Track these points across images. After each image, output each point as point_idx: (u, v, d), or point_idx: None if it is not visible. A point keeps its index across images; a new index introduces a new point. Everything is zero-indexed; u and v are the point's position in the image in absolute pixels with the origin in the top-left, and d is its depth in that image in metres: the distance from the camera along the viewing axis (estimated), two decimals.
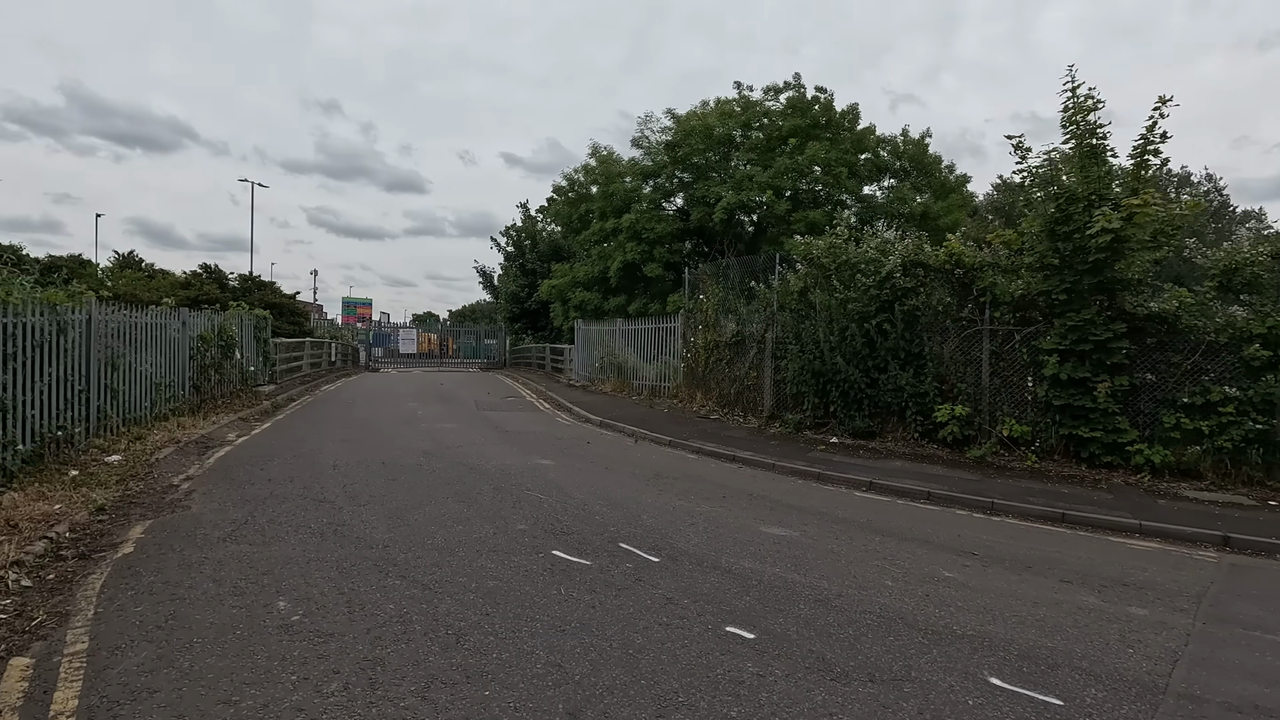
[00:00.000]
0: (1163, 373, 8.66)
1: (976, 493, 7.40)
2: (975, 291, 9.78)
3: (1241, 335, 8.14)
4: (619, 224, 23.69)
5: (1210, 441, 8.10)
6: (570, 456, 8.84)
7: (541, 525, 5.54)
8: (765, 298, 11.51)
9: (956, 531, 6.08)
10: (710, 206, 23.21)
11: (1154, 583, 4.88)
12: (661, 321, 15.44)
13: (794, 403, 11.01)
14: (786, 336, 10.94)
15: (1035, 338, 9.21)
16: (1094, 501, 7.18)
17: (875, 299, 10.05)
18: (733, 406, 12.13)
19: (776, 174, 22.12)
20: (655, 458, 9.13)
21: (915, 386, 9.67)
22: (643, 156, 25.63)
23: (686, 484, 7.46)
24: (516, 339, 36.85)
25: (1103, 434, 8.55)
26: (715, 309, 12.66)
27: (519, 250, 38.21)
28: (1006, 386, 9.54)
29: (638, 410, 13.27)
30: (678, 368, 14.22)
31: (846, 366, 9.99)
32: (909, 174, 25.58)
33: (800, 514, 6.39)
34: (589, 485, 7.11)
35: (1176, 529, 6.29)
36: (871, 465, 8.71)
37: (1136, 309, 8.65)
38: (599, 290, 25.71)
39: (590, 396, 15.80)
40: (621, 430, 11.27)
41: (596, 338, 18.50)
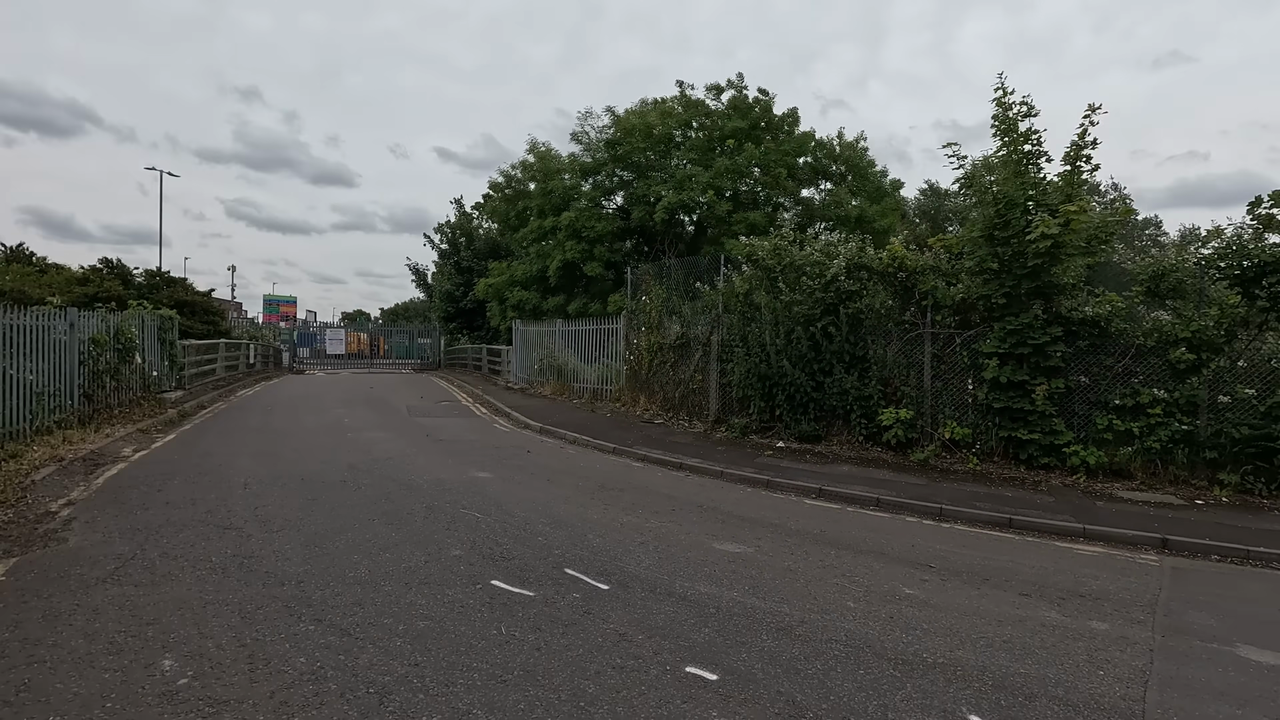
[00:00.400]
0: (1095, 375, 8.88)
1: (924, 498, 7.35)
2: (917, 295, 9.82)
3: (1168, 339, 8.40)
4: (558, 222, 23.13)
5: (1140, 442, 8.33)
6: (510, 467, 8.35)
7: (479, 550, 5.07)
8: (710, 299, 11.29)
9: (910, 541, 5.96)
10: (651, 206, 22.96)
11: (1107, 592, 4.84)
12: (603, 322, 15.05)
13: (740, 406, 10.83)
14: (732, 339, 10.75)
15: (975, 341, 9.31)
16: (1037, 505, 7.23)
17: (820, 302, 9.97)
18: (677, 410, 11.87)
19: (717, 174, 22.08)
20: (600, 467, 8.74)
21: (860, 390, 9.63)
22: (582, 153, 25.16)
23: (634, 496, 7.11)
24: (452, 339, 35.71)
25: (1040, 436, 8.69)
26: (659, 310, 12.37)
27: (454, 247, 37.04)
28: (948, 389, 9.62)
29: (579, 415, 12.85)
30: (620, 370, 13.87)
31: (793, 370, 9.87)
32: (844, 178, 26.03)
33: (753, 527, 6.14)
34: (530, 501, 6.65)
35: (1118, 532, 6.36)
36: (819, 470, 8.58)
37: (1071, 313, 8.83)
38: (538, 290, 25.08)
39: (529, 400, 15.26)
40: (563, 437, 10.83)
41: (535, 339, 17.95)
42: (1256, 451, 7.92)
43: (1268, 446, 7.83)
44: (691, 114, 24.20)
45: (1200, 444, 8.18)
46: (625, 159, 23.19)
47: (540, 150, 25.53)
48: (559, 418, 12.38)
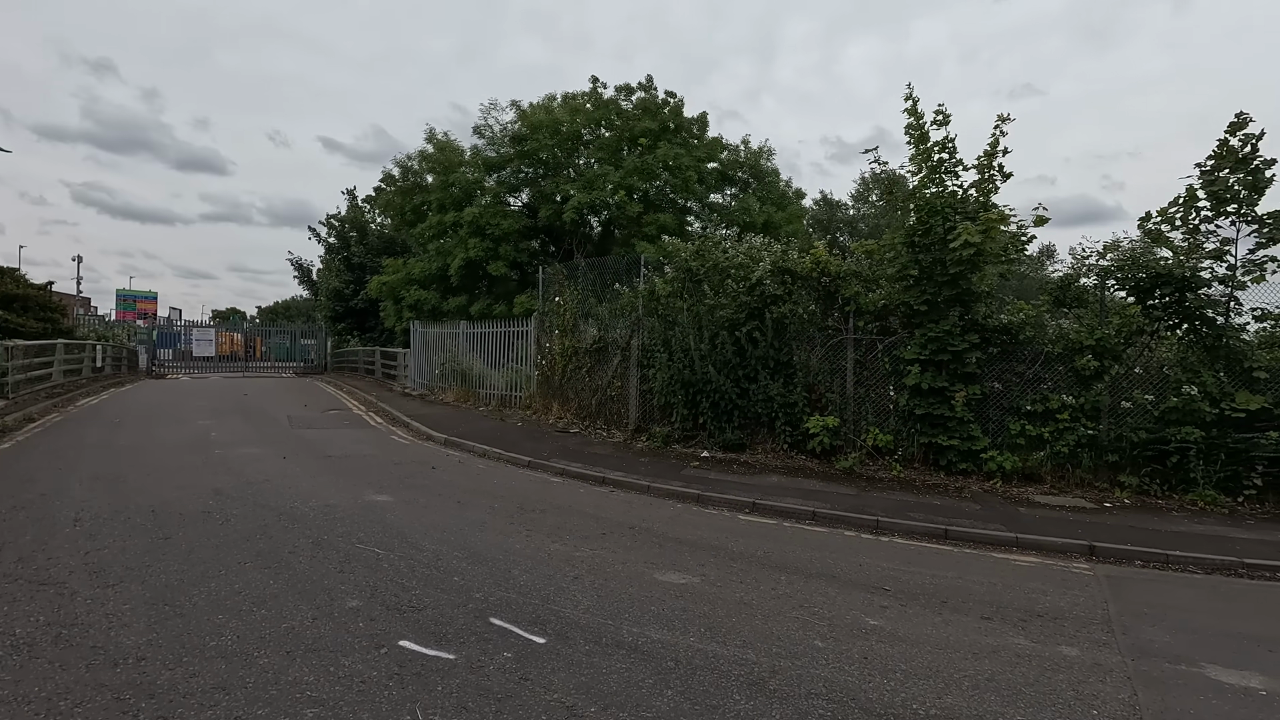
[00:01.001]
0: (1008, 382, 9.07)
1: (858, 509, 7.11)
2: (840, 300, 9.72)
3: (1073, 347, 8.68)
4: (460, 218, 21.89)
5: (1050, 447, 8.56)
6: (414, 488, 7.39)
7: (382, 598, 4.20)
8: (630, 302, 10.74)
9: (856, 560, 5.63)
10: (559, 205, 22.21)
11: (1060, 610, 4.68)
12: (512, 325, 14.14)
13: (662, 414, 10.34)
14: (654, 344, 10.25)
15: (896, 347, 9.30)
16: (966, 514, 7.17)
17: (744, 306, 9.65)
18: (594, 419, 11.22)
19: (628, 174, 21.64)
20: (515, 484, 7.95)
21: (785, 396, 9.38)
22: (486, 147, 23.99)
23: (558, 518, 6.40)
24: (340, 340, 33.20)
25: (959, 442, 8.76)
26: (574, 313, 11.68)
27: (344, 242, 34.49)
28: (870, 396, 9.56)
29: (487, 424, 11.91)
30: (531, 376, 13.04)
31: (718, 376, 9.49)
32: (749, 184, 26.36)
33: (693, 550, 5.60)
34: (441, 529, 5.79)
35: (1048, 540, 6.35)
36: (748, 482, 8.21)
37: (986, 320, 8.98)
38: (437, 289, 23.65)
39: (430, 408, 14.09)
40: (471, 449, 9.90)
41: (436, 341, 16.72)
42: (1153, 454, 8.31)
43: (1162, 449, 8.22)
44: (601, 113, 23.66)
45: (1103, 448, 8.49)
46: (532, 155, 22.29)
47: (440, 141, 24.13)
48: (465, 427, 11.40)
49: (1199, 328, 8.48)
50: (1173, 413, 8.22)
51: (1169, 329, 8.76)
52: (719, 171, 25.18)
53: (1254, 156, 8.18)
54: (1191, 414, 8.09)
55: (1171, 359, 8.73)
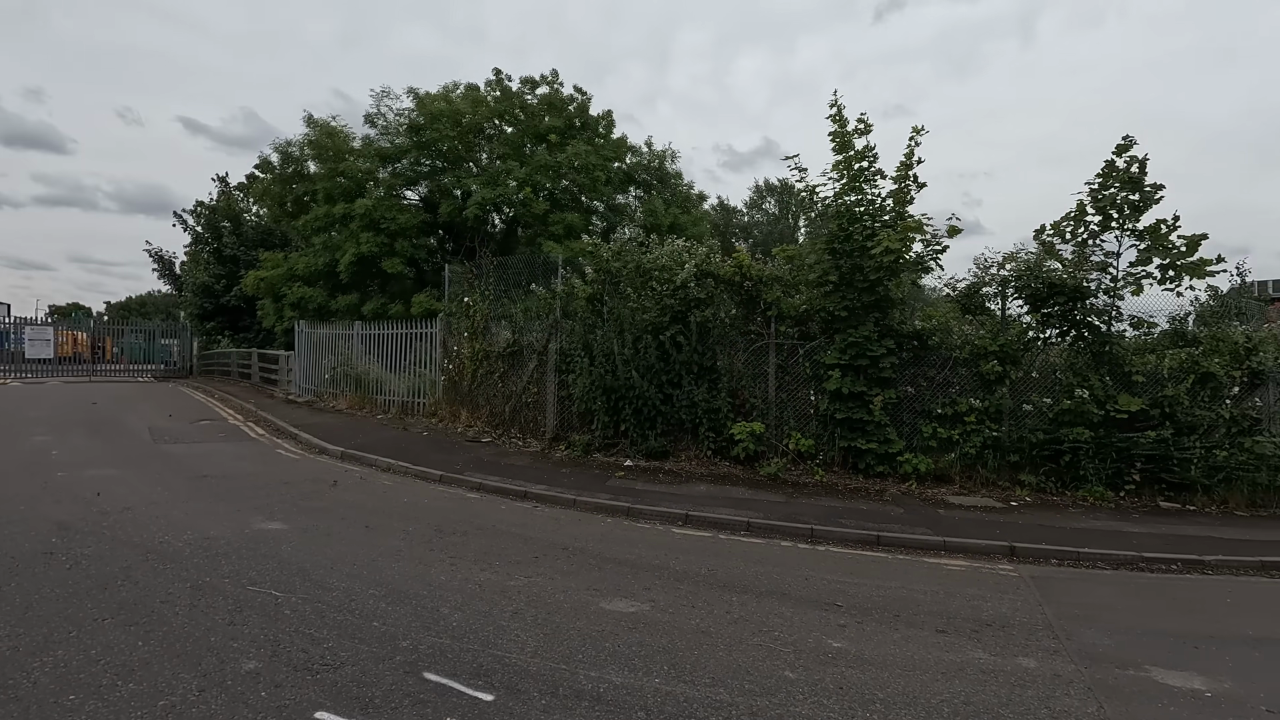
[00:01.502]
0: (920, 386, 9.36)
1: (790, 518, 7.02)
2: (763, 305, 9.69)
3: (978, 352, 9.08)
4: (351, 210, 20.31)
5: (959, 448, 8.90)
6: (311, 512, 6.52)
7: (287, 656, 3.53)
8: (547, 303, 10.21)
9: (801, 574, 5.47)
10: (461, 200, 21.15)
11: (1004, 617, 4.71)
12: (414, 326, 13.17)
13: (581, 422, 9.89)
14: (574, 347, 9.78)
15: (817, 352, 9.37)
16: (892, 518, 7.25)
17: (668, 309, 9.40)
18: (508, 427, 10.59)
19: (534, 171, 20.92)
20: (429, 502, 7.24)
21: (710, 402, 9.22)
22: (379, 136, 22.44)
23: (483, 541, 5.82)
24: (209, 341, 30.13)
25: (877, 445, 8.93)
26: (485, 314, 10.98)
27: (214, 232, 31.25)
28: (792, 400, 9.58)
29: (389, 433, 10.97)
30: (437, 381, 12.19)
31: (642, 381, 9.17)
32: (653, 186, 26.33)
33: (635, 572, 5.23)
34: (350, 562, 5.08)
35: (972, 543, 6.50)
36: (677, 492, 7.95)
37: (901, 326, 9.23)
38: (325, 286, 21.85)
39: (321, 416, 12.86)
40: (374, 463, 9.01)
41: (326, 343, 15.35)
42: (1049, 454, 8.82)
43: (1056, 449, 8.75)
44: (505, 105, 22.77)
45: (1006, 448, 8.92)
46: (431, 146, 21.06)
47: (327, 126, 22.32)
48: (364, 438, 10.43)
49: (1085, 335, 9.11)
50: (1065, 415, 8.75)
51: (1060, 336, 9.35)
52: (624, 172, 24.94)
53: (1139, 176, 8.86)
54: (1081, 415, 8.66)
55: (1062, 364, 9.30)
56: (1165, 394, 8.69)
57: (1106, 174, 9.31)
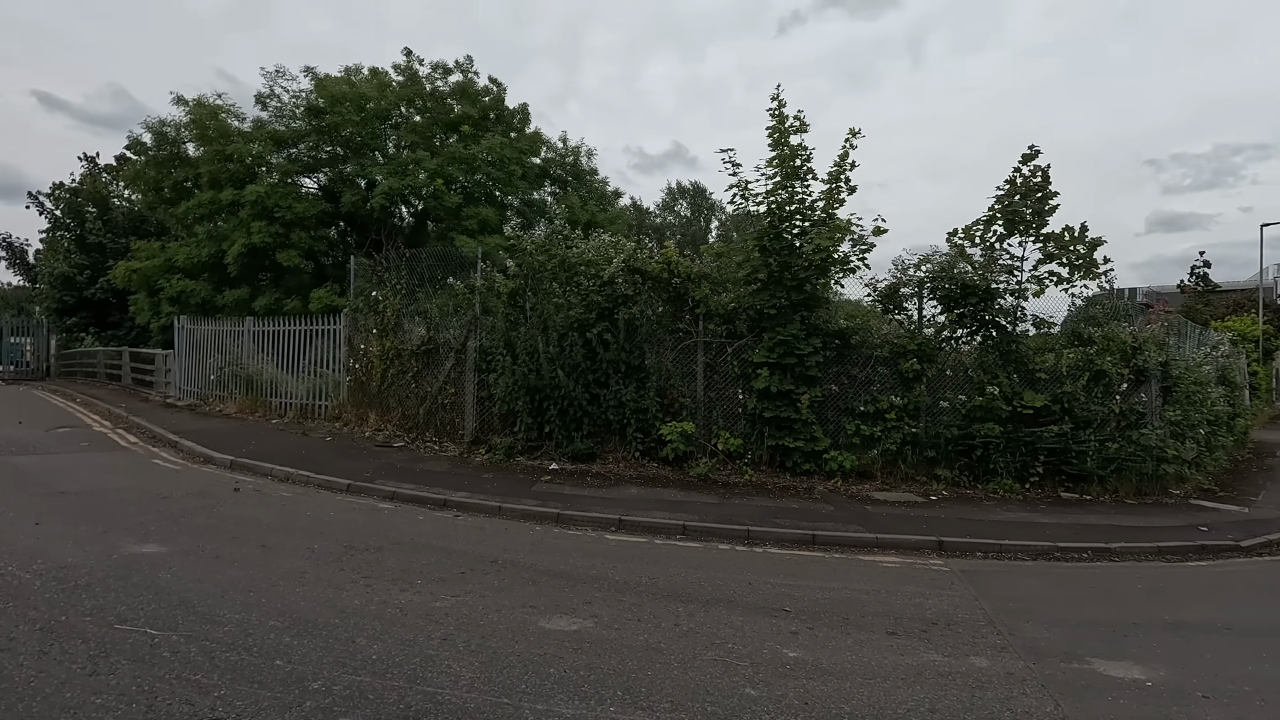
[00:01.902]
0: (844, 384, 9.48)
1: (725, 520, 6.85)
2: (691, 302, 9.52)
3: (898, 351, 9.30)
4: (240, 196, 18.63)
5: (880, 445, 9.07)
6: (195, 531, 5.71)
7: (166, 711, 2.93)
8: (466, 299, 9.61)
9: (743, 578, 5.28)
10: (365, 190, 19.91)
11: (947, 614, 4.70)
12: (314, 323, 12.12)
13: (503, 424, 9.36)
14: (495, 346, 9.23)
15: (745, 351, 9.31)
16: (824, 516, 7.24)
17: (595, 305, 9.05)
18: (423, 430, 9.88)
19: (446, 162, 19.98)
20: (336, 515, 6.55)
21: (638, 402, 8.94)
22: (272, 118, 20.74)
23: (401, 557, 5.26)
24: (70, 339, 26.99)
25: (804, 443, 8.96)
26: (397, 310, 10.22)
27: (76, 217, 28.01)
28: (720, 399, 9.47)
29: (287, 439, 9.99)
30: (341, 381, 11.26)
31: (568, 381, 8.77)
32: (568, 182, 25.88)
33: (572, 585, 4.86)
34: (245, 588, 4.42)
35: (903, 539, 6.56)
36: (608, 496, 7.62)
37: (826, 325, 9.31)
38: (210, 279, 20.00)
39: (206, 421, 11.60)
40: (270, 473, 8.13)
41: (212, 341, 13.92)
42: (963, 449, 9.15)
43: (969, 445, 9.08)
44: (413, 90, 21.63)
45: (923, 444, 9.17)
46: (333, 132, 19.67)
47: (210, 104, 20.41)
48: (258, 445, 9.43)
49: (994, 335, 9.51)
50: (977, 411, 9.10)
51: (970, 335, 9.72)
52: (540, 168, 24.34)
53: (1044, 185, 9.34)
54: (991, 412, 9.02)
55: (972, 362, 9.67)
56: (1065, 390, 9.19)
57: (1012, 182, 9.78)
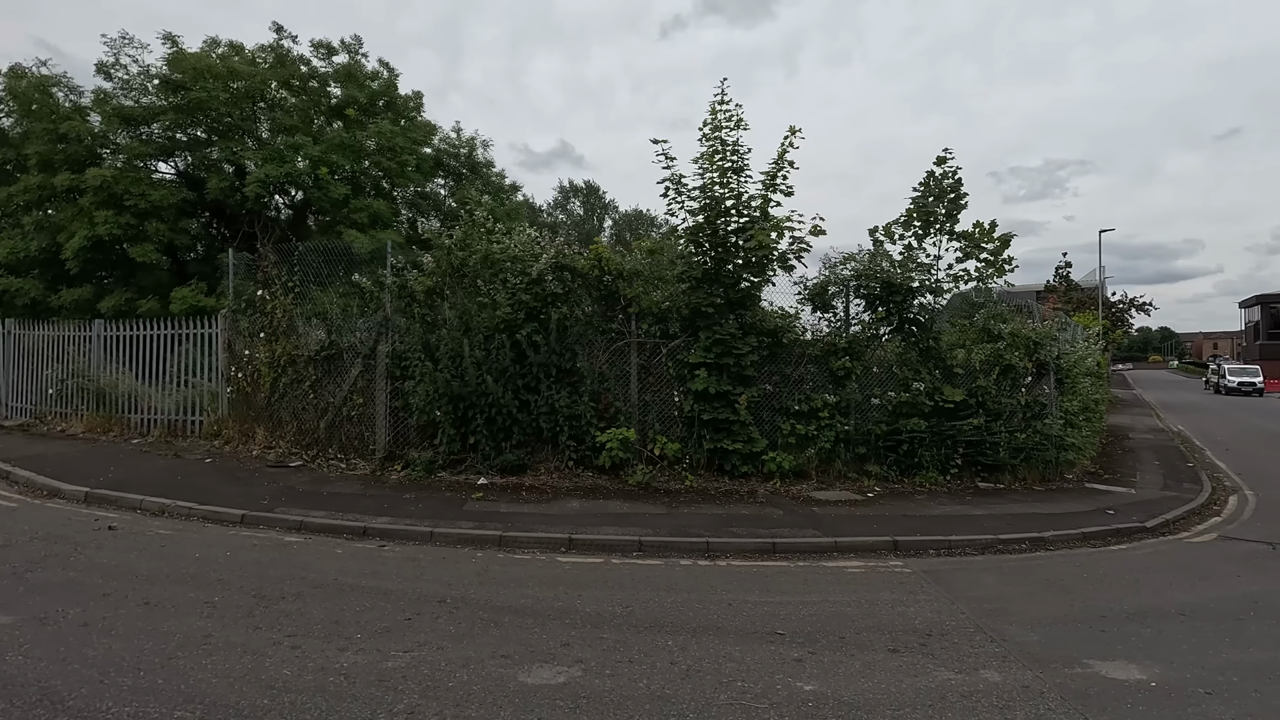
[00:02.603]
0: (777, 383, 9.38)
1: (679, 531, 6.46)
2: (623, 301, 9.05)
3: (829, 349, 9.32)
4: (80, 181, 16.07)
5: (816, 444, 9.03)
6: (51, 590, 4.54)
7: None
8: (374, 298, 8.60)
9: (722, 598, 4.90)
10: (236, 178, 17.83)
11: (934, 624, 4.54)
12: (184, 326, 10.49)
13: (421, 436, 8.44)
14: (410, 349, 8.30)
15: (680, 351, 8.97)
16: (776, 521, 7.01)
17: (523, 305, 8.37)
18: (324, 446, 8.74)
19: (329, 149, 18.25)
20: (232, 554, 5.50)
21: (572, 408, 8.36)
22: (118, 91, 18.09)
23: (328, 605, 4.42)
24: None
25: (742, 445, 8.74)
26: (290, 311, 8.99)
27: None
28: (656, 402, 9.08)
29: (155, 463, 8.51)
30: (219, 393, 9.79)
31: (496, 387, 8.03)
32: (463, 175, 24.63)
33: (542, 623, 4.26)
34: (133, 667, 3.46)
35: (859, 541, 6.45)
36: (550, 512, 7.00)
37: (762, 323, 9.15)
38: (41, 276, 17.19)
39: (46, 444, 9.73)
40: (139, 506, 6.80)
41: (47, 347, 11.77)
42: (890, 445, 9.30)
43: (897, 440, 9.25)
44: (289, 71, 19.64)
45: (855, 441, 9.23)
46: (196, 110, 17.40)
47: (36, 76, 17.52)
48: (119, 471, 7.94)
49: (914, 331, 9.74)
50: (904, 407, 9.28)
51: (892, 333, 9.90)
52: (433, 158, 22.93)
53: (956, 186, 9.66)
54: (915, 407, 9.23)
55: (895, 359, 9.87)
56: (979, 384, 9.56)
57: (926, 184, 10.08)
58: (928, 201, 9.93)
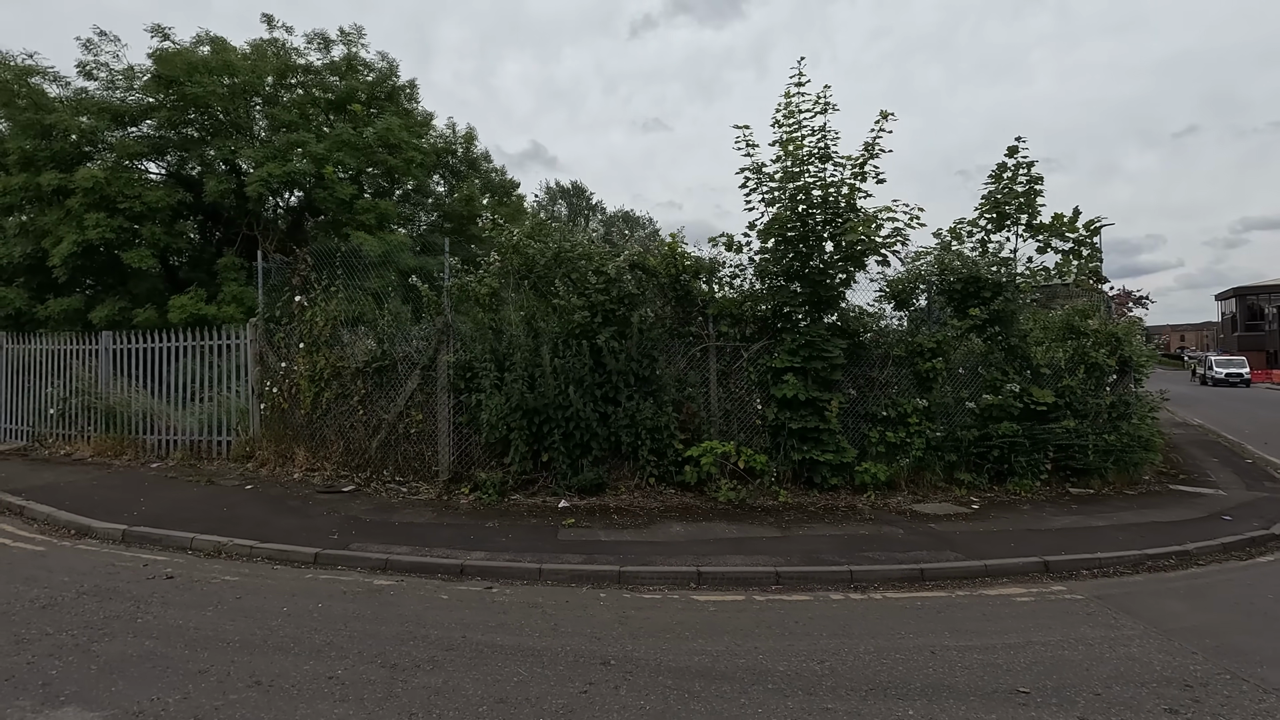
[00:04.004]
0: (861, 387, 8.75)
1: (811, 559, 5.77)
2: (700, 302, 8.35)
3: (914, 349, 8.71)
4: (70, 181, 14.93)
5: (908, 452, 8.41)
6: (127, 669, 3.69)
7: None
8: (432, 301, 7.77)
9: (917, 644, 4.22)
10: (236, 177, 16.77)
11: (1180, 671, 3.91)
12: (202, 337, 9.54)
13: (488, 454, 7.64)
14: (480, 358, 7.49)
15: (763, 355, 8.29)
16: (902, 542, 6.35)
17: (599, 307, 7.62)
18: (378, 468, 7.89)
19: (334, 146, 17.23)
20: (325, 606, 4.67)
21: (655, 419, 7.63)
22: (102, 89, 16.89)
23: (476, 677, 3.64)
24: None
25: (833, 456, 8.10)
26: (334, 318, 8.12)
27: None
28: (737, 411, 8.39)
29: (188, 491, 7.59)
30: (250, 409, 8.88)
31: (578, 398, 7.27)
32: (461, 172, 23.70)
33: (745, 692, 3.54)
34: None
35: (1008, 563, 5.81)
36: (654, 540, 6.26)
37: (848, 324, 8.52)
38: (26, 285, 15.99)
39: (54, 472, 8.73)
40: (189, 545, 5.92)
41: (49, 363, 10.74)
42: (980, 451, 8.72)
43: (987, 446, 8.67)
44: (283, 64, 18.56)
45: (944, 448, 8.64)
46: (194, 104, 16.28)
47: (19, 65, 16.31)
48: (151, 504, 7.03)
49: (998, 329, 9.17)
50: (994, 410, 8.71)
51: (975, 330, 9.32)
52: (435, 154, 21.95)
53: (1031, 178, 9.09)
54: (1005, 410, 8.67)
55: (977, 359, 9.29)
56: (1064, 384, 9.03)
57: (998, 175, 9.52)
58: (1001, 195, 9.39)
